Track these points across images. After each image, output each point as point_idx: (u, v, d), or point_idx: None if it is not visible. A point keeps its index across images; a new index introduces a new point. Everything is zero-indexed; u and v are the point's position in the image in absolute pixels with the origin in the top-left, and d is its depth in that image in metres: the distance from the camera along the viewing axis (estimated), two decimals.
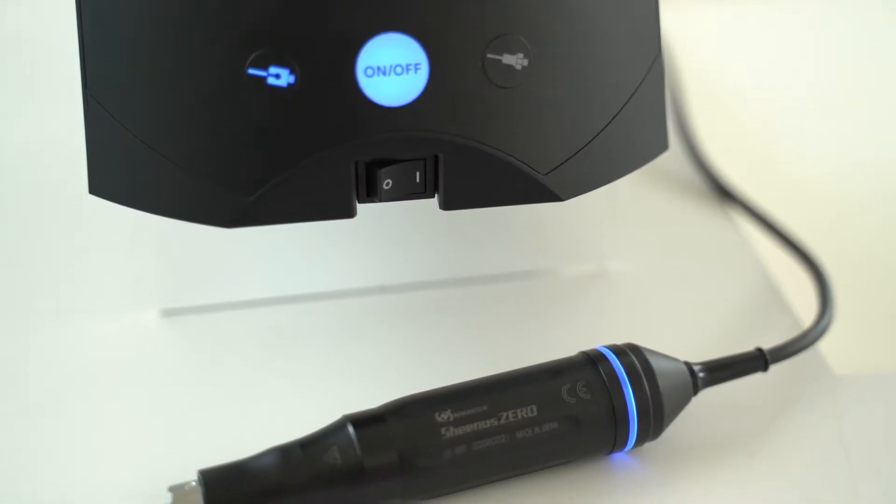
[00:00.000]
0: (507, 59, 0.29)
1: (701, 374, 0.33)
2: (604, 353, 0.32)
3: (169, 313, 0.38)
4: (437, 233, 0.39)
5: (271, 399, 0.34)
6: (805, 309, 0.38)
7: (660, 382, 0.31)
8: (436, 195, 0.31)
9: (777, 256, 0.42)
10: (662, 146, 0.34)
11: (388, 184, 0.30)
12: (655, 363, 0.31)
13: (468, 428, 0.30)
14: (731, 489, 0.32)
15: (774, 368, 0.34)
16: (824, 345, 0.37)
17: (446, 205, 0.30)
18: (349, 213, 0.30)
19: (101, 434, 0.33)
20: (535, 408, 0.30)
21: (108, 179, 0.31)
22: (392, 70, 0.29)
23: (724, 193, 0.45)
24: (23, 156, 0.45)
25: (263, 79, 0.29)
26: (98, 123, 0.30)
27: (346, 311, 0.38)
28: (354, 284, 0.39)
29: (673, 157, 0.47)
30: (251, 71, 0.29)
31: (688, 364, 0.32)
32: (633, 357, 0.31)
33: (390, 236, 0.39)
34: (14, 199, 0.43)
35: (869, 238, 0.48)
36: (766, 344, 0.34)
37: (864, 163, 0.52)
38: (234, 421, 0.33)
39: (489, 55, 0.29)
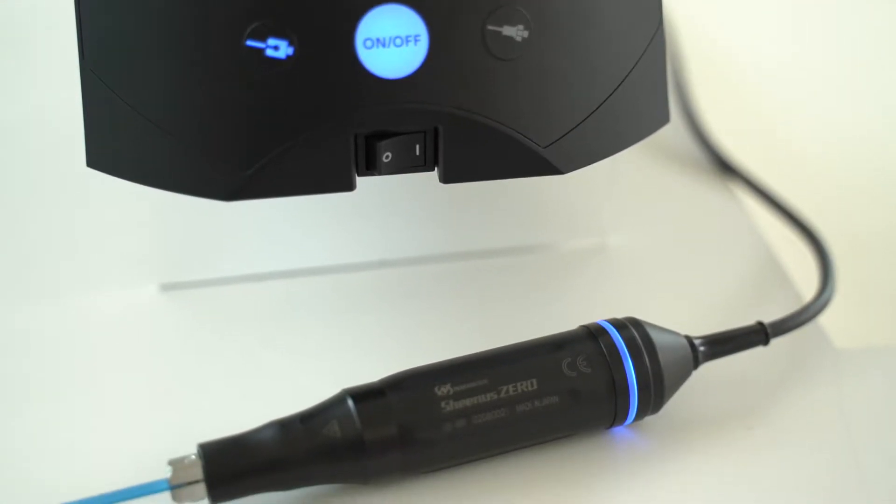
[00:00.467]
0: (508, 30, 0.29)
1: (702, 348, 0.32)
2: (604, 326, 0.32)
3: (168, 287, 0.37)
4: (437, 207, 0.39)
5: (271, 373, 0.34)
6: (806, 283, 0.38)
7: (660, 356, 0.31)
8: (435, 168, 0.30)
9: (778, 230, 0.42)
10: (664, 119, 0.34)
11: (387, 157, 0.30)
12: (656, 337, 0.31)
13: (468, 402, 0.30)
14: (731, 463, 0.31)
15: (775, 342, 0.34)
16: (825, 318, 0.36)
17: (446, 178, 0.30)
18: (348, 186, 0.30)
19: (101, 408, 0.33)
20: (535, 381, 0.30)
21: (106, 152, 0.30)
22: (391, 42, 0.29)
23: (725, 167, 0.45)
24: (20, 129, 0.45)
25: (262, 50, 0.28)
26: (95, 96, 0.30)
27: (346, 285, 0.38)
28: (354, 259, 0.39)
29: (674, 131, 0.46)
30: (249, 43, 0.28)
31: (688, 338, 0.32)
32: (634, 331, 0.31)
33: (390, 210, 0.39)
34: (11, 173, 0.43)
35: (871, 212, 0.47)
36: (768, 318, 0.34)
37: (867, 137, 0.52)
38: (233, 395, 0.33)
39: (489, 27, 0.29)
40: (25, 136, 0.45)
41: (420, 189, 0.38)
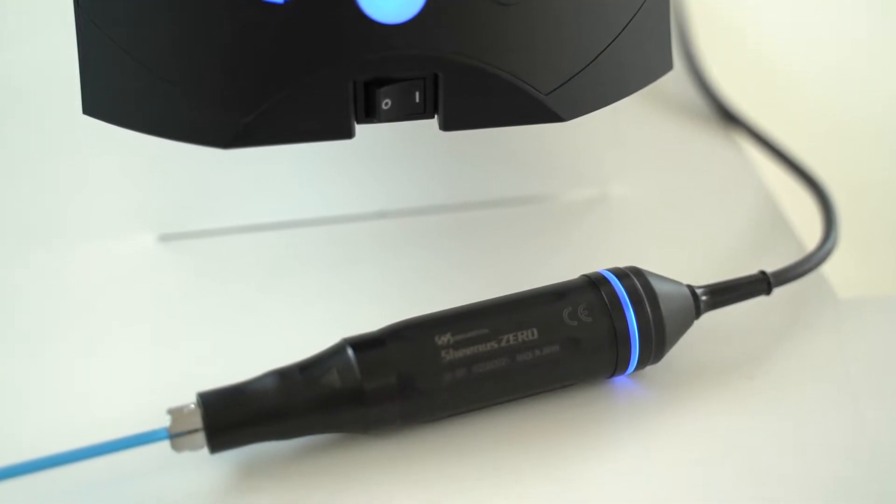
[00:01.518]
0: None
1: (703, 298, 0.32)
2: (605, 276, 0.31)
3: (166, 238, 0.37)
4: (437, 156, 0.39)
5: (270, 323, 0.34)
6: (809, 233, 0.38)
7: (662, 305, 0.31)
8: (435, 116, 0.30)
9: (781, 180, 0.42)
10: (666, 66, 0.33)
11: (386, 104, 0.29)
12: (658, 286, 0.31)
13: (468, 351, 0.29)
14: (732, 412, 0.31)
15: (778, 292, 0.34)
16: (828, 268, 0.36)
17: (446, 125, 0.30)
18: (347, 133, 0.29)
19: (100, 358, 0.33)
20: (535, 331, 0.30)
21: (102, 100, 0.30)
22: None
23: (728, 117, 0.45)
24: (15, 77, 0.45)
25: None
26: (90, 42, 0.30)
27: (346, 235, 0.38)
28: (353, 209, 0.39)
29: (676, 80, 0.46)
30: None
31: (690, 287, 0.32)
32: (636, 280, 0.31)
33: (390, 160, 0.38)
34: (6, 122, 0.43)
35: (875, 162, 0.47)
36: (770, 267, 0.34)
37: (873, 86, 0.51)
38: (232, 344, 0.33)
39: None
40: (21, 85, 0.44)
41: (420, 137, 0.38)
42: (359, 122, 0.30)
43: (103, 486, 0.28)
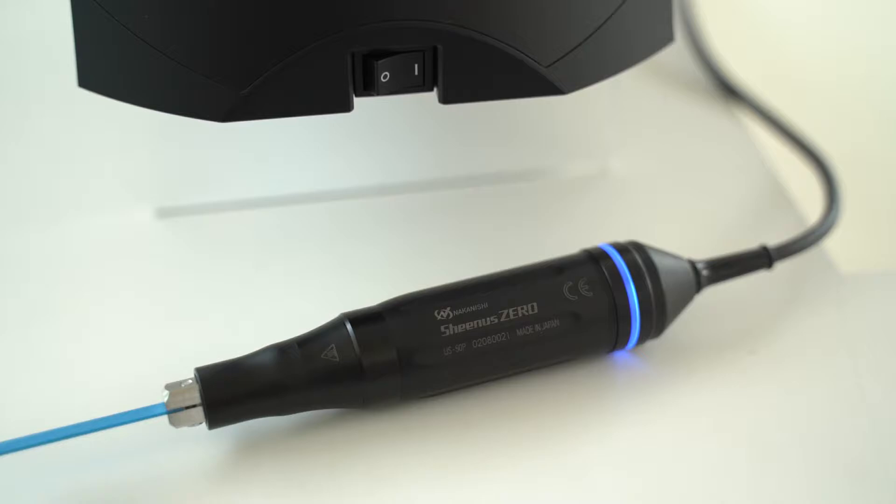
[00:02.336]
0: None
1: (704, 272, 0.32)
2: (606, 250, 0.31)
3: (164, 213, 0.37)
4: (437, 131, 0.38)
5: (268, 298, 0.34)
6: (811, 207, 0.38)
7: (662, 280, 0.31)
8: (435, 89, 0.30)
9: (783, 155, 0.42)
10: (667, 38, 0.33)
11: (385, 76, 0.29)
12: (658, 260, 0.31)
13: (468, 325, 0.29)
14: (733, 388, 0.31)
15: (779, 266, 0.34)
16: (830, 243, 0.36)
17: (445, 98, 0.30)
18: (346, 106, 0.29)
19: (98, 333, 0.33)
20: (535, 305, 0.30)
21: (98, 72, 0.30)
22: None
23: (729, 91, 0.44)
24: (8, 49, 0.44)
25: None
26: (85, 13, 0.29)
27: (345, 211, 0.38)
28: (352, 184, 0.38)
29: (677, 54, 0.46)
30: None
31: (691, 261, 0.32)
32: (636, 254, 0.31)
33: (388, 135, 0.38)
34: (2, 94, 0.42)
35: (878, 136, 0.47)
36: (772, 242, 0.34)
37: (876, 61, 0.51)
38: (231, 320, 0.33)
39: None
40: (15, 56, 0.44)
41: (419, 111, 0.37)
42: (357, 95, 0.29)
43: (101, 461, 0.28)
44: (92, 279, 0.35)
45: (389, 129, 0.38)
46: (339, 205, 0.38)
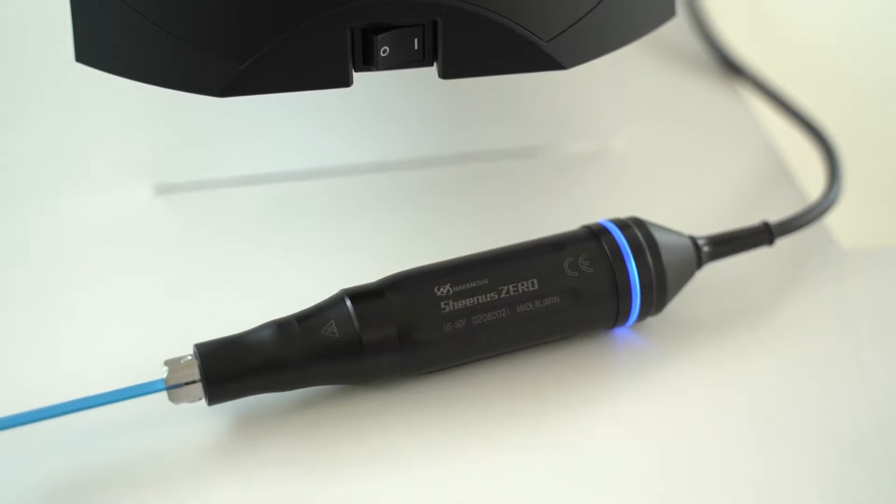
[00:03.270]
0: None
1: (705, 248, 0.32)
2: (606, 226, 0.31)
3: (162, 189, 0.37)
4: (437, 107, 0.38)
5: (268, 275, 0.34)
6: (813, 184, 0.38)
7: (663, 256, 0.31)
8: (434, 64, 0.30)
9: (785, 132, 0.41)
10: (669, 13, 0.33)
11: (384, 51, 0.29)
12: (659, 236, 0.31)
13: (468, 302, 0.29)
14: (734, 364, 0.31)
15: (780, 242, 0.34)
16: (831, 219, 0.36)
17: (445, 73, 0.30)
18: (345, 81, 0.29)
19: (97, 310, 0.33)
20: (535, 281, 0.30)
21: (95, 47, 0.30)
22: None
23: (731, 67, 0.44)
24: (6, 24, 0.44)
25: None
26: None
27: (344, 187, 0.38)
28: (351, 161, 0.38)
29: (678, 30, 0.46)
30: None
31: (692, 238, 0.32)
32: (637, 230, 0.31)
33: (388, 111, 0.38)
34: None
35: (879, 113, 0.47)
36: (773, 219, 0.34)
37: (879, 36, 0.51)
38: (230, 296, 0.33)
39: None
40: (11, 31, 0.44)
41: (419, 86, 0.37)
42: (356, 70, 0.29)
43: (100, 437, 0.28)
44: (91, 256, 0.35)
45: (389, 105, 0.38)
46: (338, 181, 0.38)
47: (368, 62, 0.29)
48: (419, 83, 0.37)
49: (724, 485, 0.28)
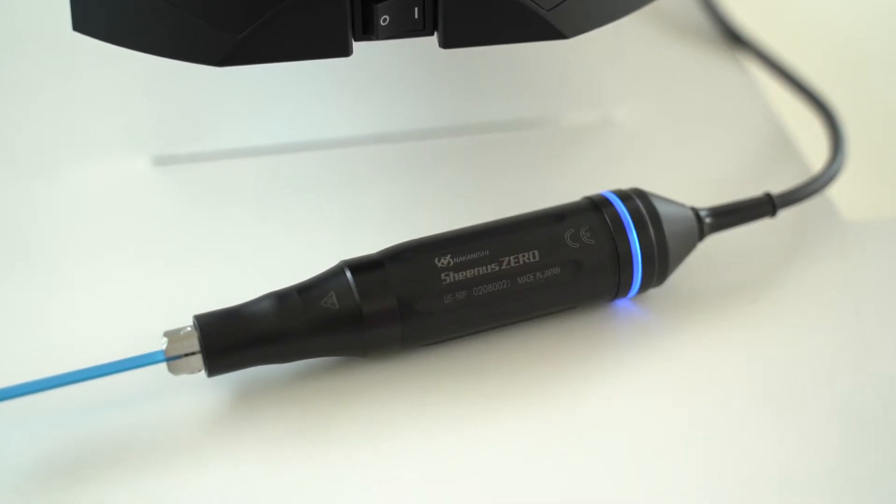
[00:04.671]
0: None
1: (707, 220, 0.32)
2: (608, 197, 0.31)
3: (161, 161, 0.37)
4: (437, 78, 0.38)
5: (267, 247, 0.34)
6: (816, 156, 0.38)
7: (665, 227, 0.31)
8: (435, 33, 0.30)
9: (788, 103, 0.41)
10: None
11: (385, 20, 0.29)
12: (661, 208, 0.31)
13: (468, 273, 0.29)
14: (735, 336, 0.32)
15: (783, 214, 0.34)
16: (834, 190, 0.36)
17: (446, 43, 0.30)
18: (344, 51, 0.29)
19: (96, 281, 0.33)
20: (536, 253, 0.30)
21: (92, 16, 0.30)
22: None
23: (733, 38, 0.44)
24: None
25: None
26: None
27: (344, 159, 0.38)
28: (351, 132, 0.38)
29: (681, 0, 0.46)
30: None
31: (694, 209, 0.32)
32: (639, 202, 0.31)
33: (388, 82, 0.38)
34: None
35: (883, 84, 0.47)
36: (776, 190, 0.34)
37: (882, 7, 0.51)
38: (230, 268, 0.33)
39: None
40: (6, 1, 0.44)
41: (419, 57, 0.37)
42: (356, 40, 0.29)
43: (99, 408, 0.29)
44: (89, 228, 0.35)
45: (389, 76, 0.38)
46: (338, 153, 0.38)
47: (368, 31, 0.29)
48: (419, 53, 0.37)
49: (725, 458, 0.28)
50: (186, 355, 0.28)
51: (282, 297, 0.29)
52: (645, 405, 0.30)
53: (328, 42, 0.29)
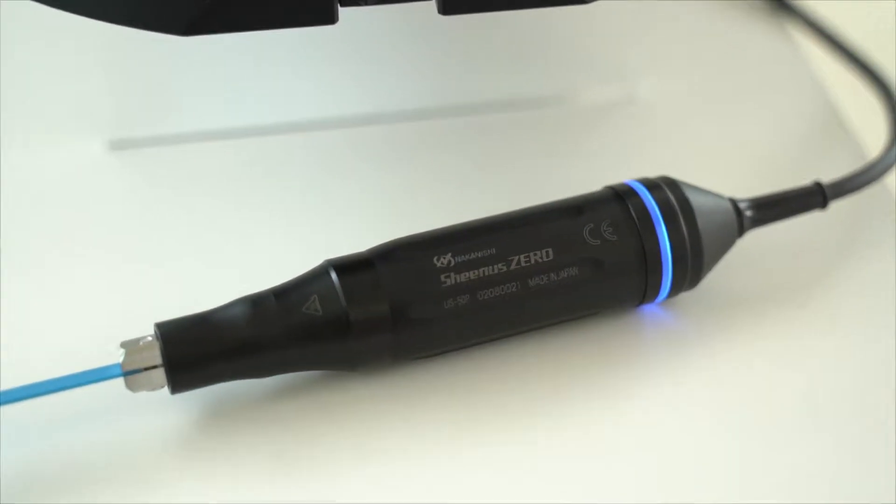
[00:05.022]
0: None
1: (748, 213, 0.32)
2: (633, 187, 0.31)
3: (118, 145, 0.37)
4: (436, 49, 0.39)
5: (240, 243, 0.34)
6: (873, 139, 0.38)
7: (699, 221, 0.31)
8: None
9: (841, 78, 0.42)
10: None
11: None
12: (694, 199, 0.31)
13: (472, 274, 0.29)
14: (779, 346, 0.32)
15: (835, 206, 0.34)
16: (893, 179, 0.36)
17: (445, 8, 0.30)
18: (329, 18, 0.29)
19: (43, 283, 0.33)
20: (551, 251, 0.30)
21: None
22: None
23: (778, 2, 0.44)
24: None
25: None
26: None
27: (328, 143, 0.38)
28: (336, 112, 0.38)
29: None
30: None
31: (733, 200, 0.32)
32: (668, 192, 0.31)
33: (379, 55, 0.38)
34: None
35: None
36: (826, 178, 0.34)
37: None
38: (196, 267, 0.33)
39: None
40: None
41: (416, 25, 0.37)
42: (342, 5, 0.29)
43: (48, 430, 0.29)
44: (36, 220, 0.35)
45: (380, 48, 0.38)
46: (321, 136, 0.38)
47: None
48: (415, 21, 0.37)
49: (770, 483, 0.28)
50: (147, 369, 0.28)
51: (256, 302, 0.29)
52: (677, 426, 0.30)
53: (310, 8, 0.29)
